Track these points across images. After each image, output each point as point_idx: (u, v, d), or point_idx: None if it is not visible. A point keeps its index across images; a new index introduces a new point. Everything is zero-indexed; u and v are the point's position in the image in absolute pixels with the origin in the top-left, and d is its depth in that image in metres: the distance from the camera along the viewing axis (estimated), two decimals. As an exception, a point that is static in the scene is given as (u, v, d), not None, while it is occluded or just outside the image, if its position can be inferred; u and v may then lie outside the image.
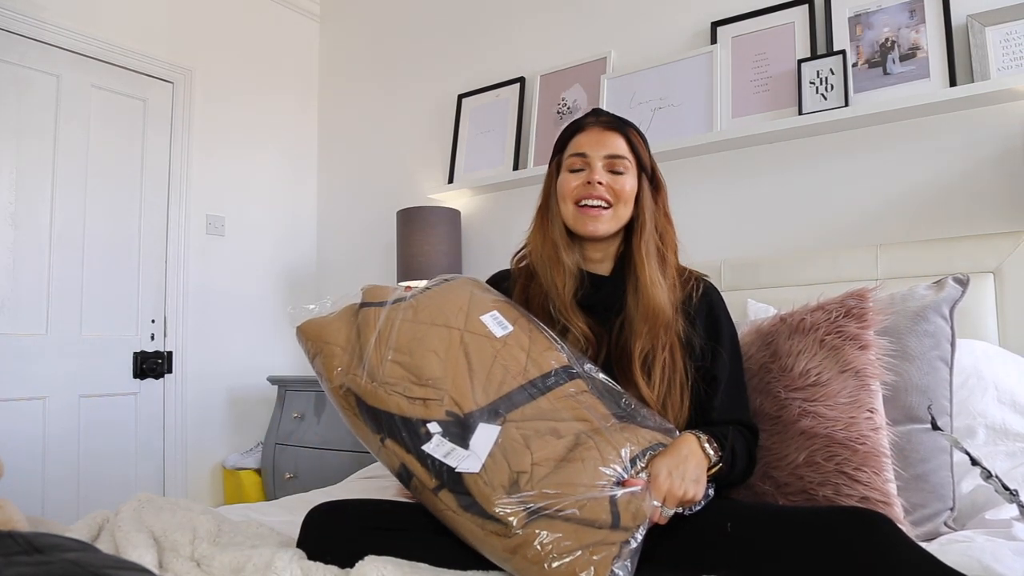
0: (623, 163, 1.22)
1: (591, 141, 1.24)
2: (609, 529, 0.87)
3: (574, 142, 1.26)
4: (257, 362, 3.00)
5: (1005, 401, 1.43)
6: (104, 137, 2.59)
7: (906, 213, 1.86)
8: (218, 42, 2.96)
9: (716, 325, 1.23)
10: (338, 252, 3.24)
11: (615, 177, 1.22)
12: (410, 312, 1.12)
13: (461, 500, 0.93)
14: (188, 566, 0.97)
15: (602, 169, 1.22)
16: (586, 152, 1.23)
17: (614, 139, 1.23)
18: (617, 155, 1.22)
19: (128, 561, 0.71)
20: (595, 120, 1.27)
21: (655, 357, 1.16)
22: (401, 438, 0.99)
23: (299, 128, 3.29)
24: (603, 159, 1.22)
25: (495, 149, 2.67)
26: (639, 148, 1.25)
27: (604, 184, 1.21)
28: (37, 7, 2.40)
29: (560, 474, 0.93)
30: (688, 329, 1.19)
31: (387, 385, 1.03)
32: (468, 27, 2.86)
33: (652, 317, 1.16)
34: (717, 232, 2.16)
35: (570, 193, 1.23)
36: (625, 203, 1.22)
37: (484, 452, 0.95)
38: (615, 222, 1.23)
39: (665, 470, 0.97)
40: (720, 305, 1.27)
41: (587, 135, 1.25)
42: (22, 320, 2.36)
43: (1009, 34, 1.73)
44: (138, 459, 2.64)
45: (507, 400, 1.03)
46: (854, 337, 1.22)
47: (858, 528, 0.85)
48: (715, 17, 2.21)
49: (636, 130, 1.27)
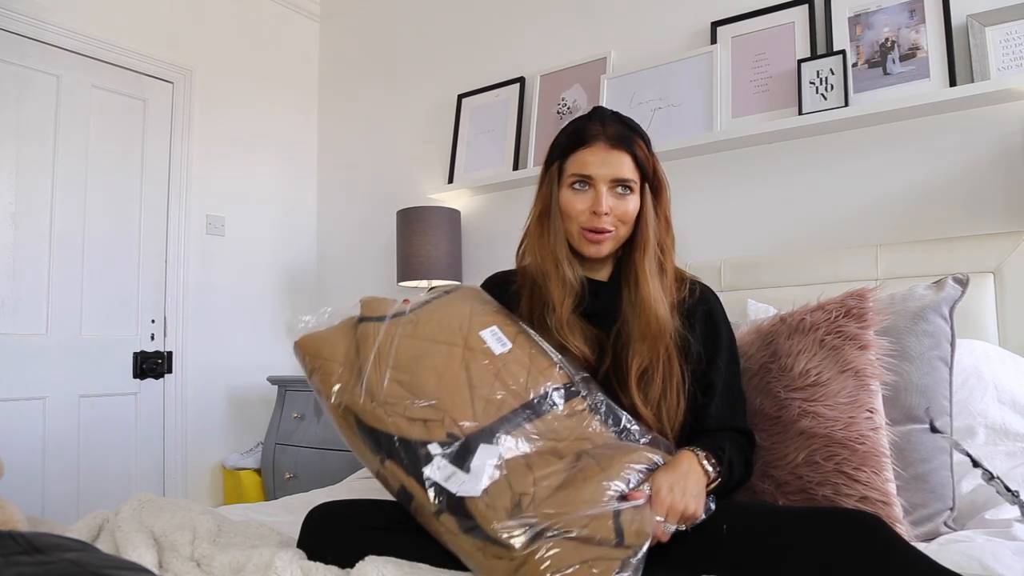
0: (630, 184, 1.17)
1: (597, 162, 1.17)
2: (612, 547, 0.86)
3: (578, 159, 1.18)
4: (257, 362, 3.00)
5: (1005, 401, 1.43)
6: (104, 137, 2.59)
7: (906, 213, 1.86)
8: (218, 42, 2.97)
9: (715, 330, 1.22)
10: (338, 252, 3.24)
11: (619, 201, 1.17)
12: (410, 327, 1.10)
13: (462, 523, 0.91)
14: (188, 566, 0.97)
15: (607, 192, 1.17)
16: (592, 175, 1.17)
17: (621, 159, 1.17)
18: (624, 179, 1.17)
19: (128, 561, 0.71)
20: (601, 132, 1.18)
21: (654, 370, 1.15)
22: (400, 459, 0.96)
23: (299, 128, 3.29)
24: (609, 182, 1.17)
25: (495, 149, 2.67)
26: (645, 162, 1.19)
27: (610, 213, 1.17)
28: (38, 7, 2.41)
29: (562, 494, 0.92)
30: (684, 333, 1.18)
31: (387, 405, 1.01)
32: (468, 27, 2.86)
33: (652, 335, 1.14)
34: (717, 232, 2.16)
35: (576, 216, 1.19)
36: (628, 224, 1.19)
37: (485, 474, 0.94)
38: (616, 243, 1.21)
39: (667, 485, 0.96)
40: (718, 309, 1.25)
41: (593, 153, 1.17)
42: (22, 320, 2.36)
43: (1009, 34, 1.73)
44: (138, 459, 2.64)
45: (508, 421, 1.02)
46: (854, 337, 1.22)
47: (852, 529, 0.85)
48: (715, 17, 2.21)
49: (642, 138, 1.20)
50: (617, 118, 1.21)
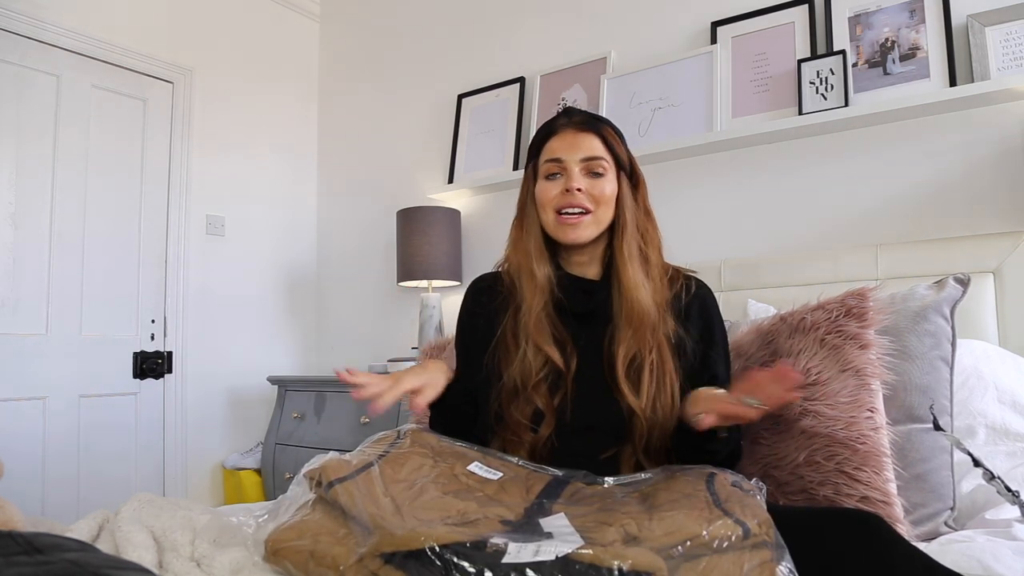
0: (600, 164, 1.17)
1: (565, 145, 1.18)
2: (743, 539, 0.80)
3: (548, 147, 1.20)
4: (257, 362, 3.00)
5: (1005, 401, 1.43)
6: (104, 137, 2.59)
7: (906, 213, 1.86)
8: (218, 42, 2.97)
9: (710, 324, 1.20)
10: (338, 252, 3.24)
11: (594, 181, 1.17)
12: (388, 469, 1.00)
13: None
14: (188, 566, 0.96)
15: (579, 174, 1.16)
16: (561, 157, 1.17)
17: (589, 140, 1.18)
18: (594, 157, 1.17)
19: (128, 561, 0.71)
20: (567, 121, 1.20)
21: (643, 360, 1.13)
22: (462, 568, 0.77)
23: (299, 128, 3.29)
24: (580, 163, 1.17)
25: (495, 149, 2.67)
26: (616, 146, 1.19)
27: (583, 190, 1.16)
28: (37, 7, 2.41)
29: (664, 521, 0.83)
30: (678, 329, 1.17)
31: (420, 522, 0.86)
32: (468, 27, 2.86)
33: (636, 319, 1.13)
34: (717, 232, 2.16)
35: (549, 202, 1.18)
36: (606, 206, 1.18)
37: (570, 530, 0.84)
38: (596, 227, 1.19)
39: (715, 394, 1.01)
40: (712, 304, 1.24)
41: (560, 139, 1.19)
42: (22, 320, 2.36)
43: (1009, 34, 1.73)
44: (138, 459, 2.64)
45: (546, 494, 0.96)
46: (855, 336, 1.22)
47: (853, 529, 0.85)
48: (715, 17, 2.21)
49: (611, 127, 1.22)
50: (585, 112, 1.24)
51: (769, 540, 0.80)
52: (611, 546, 0.78)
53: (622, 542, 0.80)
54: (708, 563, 0.77)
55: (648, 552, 0.76)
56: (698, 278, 1.25)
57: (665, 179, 2.21)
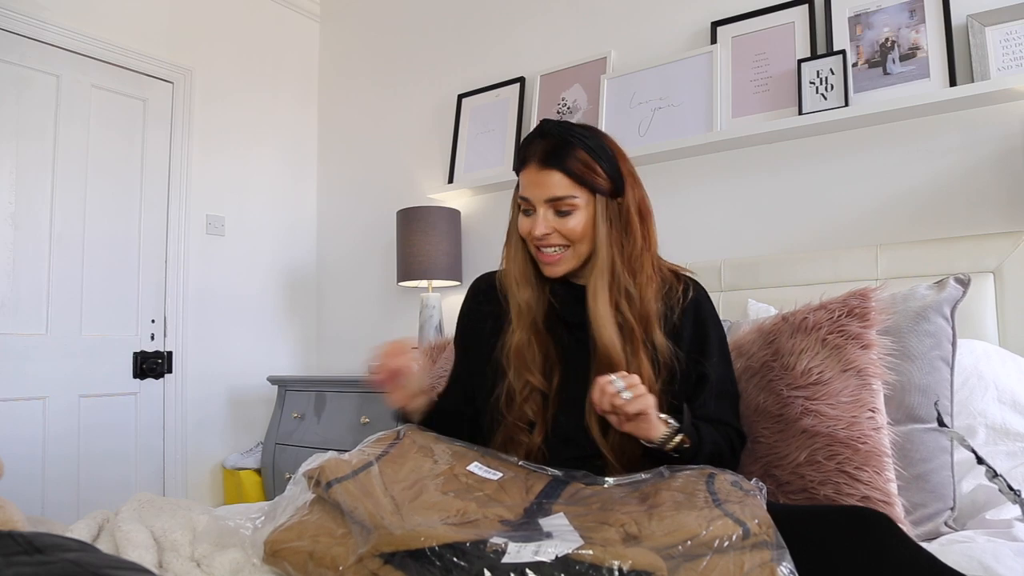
0: (566, 203, 1.12)
1: (530, 183, 1.14)
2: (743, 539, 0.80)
3: (521, 178, 1.17)
4: (257, 362, 3.00)
5: (1005, 401, 1.43)
6: (104, 137, 2.59)
7: (906, 213, 1.86)
8: (218, 42, 2.96)
9: (703, 331, 1.18)
10: (338, 252, 3.24)
11: (561, 220, 1.13)
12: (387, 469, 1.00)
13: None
14: (188, 566, 0.96)
15: (546, 214, 1.13)
16: (528, 197, 1.14)
17: (550, 179, 1.11)
18: (558, 197, 1.12)
19: (128, 561, 0.71)
20: (536, 151, 1.13)
21: None
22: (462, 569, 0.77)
23: (299, 128, 3.29)
24: (545, 204, 1.13)
25: (495, 149, 2.67)
26: (586, 174, 1.11)
27: (552, 231, 1.13)
28: (37, 7, 2.40)
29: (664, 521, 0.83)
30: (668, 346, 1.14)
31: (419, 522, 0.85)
32: (468, 27, 2.86)
33: (604, 359, 1.11)
34: (717, 232, 2.16)
35: (527, 236, 1.17)
36: (580, 241, 1.15)
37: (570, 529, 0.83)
38: (576, 259, 1.16)
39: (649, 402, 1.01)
40: (707, 307, 1.22)
41: (527, 175, 1.15)
42: (22, 320, 2.36)
43: (1009, 34, 1.73)
44: (138, 459, 2.64)
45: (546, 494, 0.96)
46: (856, 336, 1.22)
47: (857, 527, 0.85)
48: (715, 17, 2.21)
49: (584, 148, 1.12)
50: (558, 129, 1.14)
51: (769, 540, 0.80)
52: (611, 546, 0.78)
53: (622, 542, 0.80)
54: (708, 563, 0.77)
55: (648, 552, 0.77)
56: (694, 279, 1.24)
57: (665, 179, 2.21)
